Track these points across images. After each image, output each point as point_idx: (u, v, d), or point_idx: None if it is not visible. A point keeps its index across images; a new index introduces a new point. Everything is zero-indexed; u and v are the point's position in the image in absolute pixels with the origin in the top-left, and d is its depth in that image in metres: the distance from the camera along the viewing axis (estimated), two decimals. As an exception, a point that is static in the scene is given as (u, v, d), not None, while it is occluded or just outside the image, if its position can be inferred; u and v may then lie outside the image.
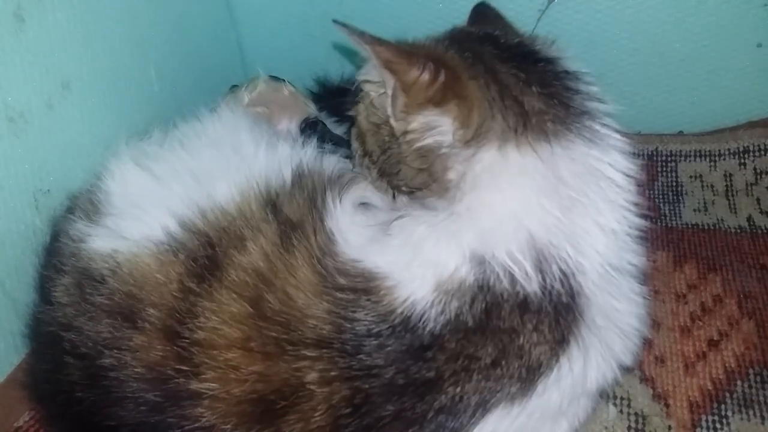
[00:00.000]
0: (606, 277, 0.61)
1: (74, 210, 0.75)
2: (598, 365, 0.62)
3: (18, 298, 0.81)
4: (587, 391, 0.64)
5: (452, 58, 0.65)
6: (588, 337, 0.61)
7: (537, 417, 0.61)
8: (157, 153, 0.77)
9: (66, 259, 0.70)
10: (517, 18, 1.19)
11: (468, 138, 0.61)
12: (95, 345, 0.62)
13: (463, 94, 0.62)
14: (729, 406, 0.82)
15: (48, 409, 0.72)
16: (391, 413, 0.57)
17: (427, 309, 0.58)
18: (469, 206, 0.60)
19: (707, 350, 0.89)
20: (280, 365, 0.57)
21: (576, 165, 0.61)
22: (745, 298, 0.97)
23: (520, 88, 0.63)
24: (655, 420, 0.81)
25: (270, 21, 1.34)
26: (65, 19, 0.86)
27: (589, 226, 0.61)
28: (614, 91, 1.22)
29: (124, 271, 0.64)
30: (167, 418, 0.58)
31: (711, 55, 1.18)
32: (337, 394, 0.57)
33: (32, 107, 0.82)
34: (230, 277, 0.61)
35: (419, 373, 0.57)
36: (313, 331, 0.58)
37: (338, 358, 0.57)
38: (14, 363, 0.83)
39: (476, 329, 0.58)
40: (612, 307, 0.62)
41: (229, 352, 0.58)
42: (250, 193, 0.67)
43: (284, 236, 0.63)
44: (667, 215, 1.15)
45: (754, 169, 1.18)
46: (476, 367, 0.58)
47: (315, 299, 0.59)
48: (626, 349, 0.65)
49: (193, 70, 1.19)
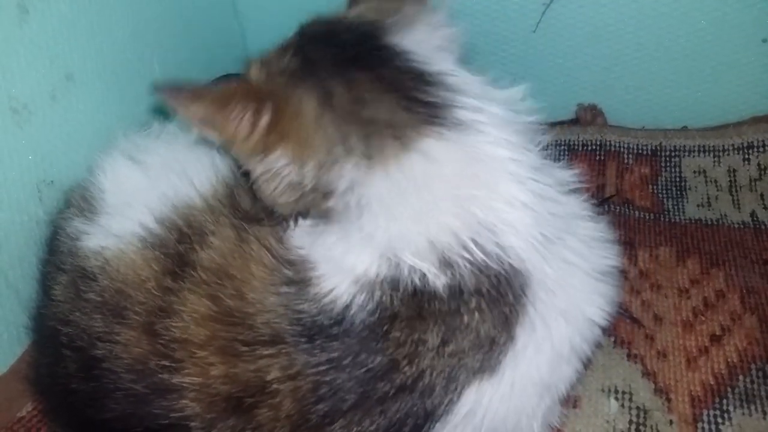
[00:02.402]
0: (542, 247, 0.59)
1: (70, 206, 0.76)
2: (562, 328, 0.62)
3: (21, 289, 0.81)
4: (561, 355, 0.63)
5: (276, 90, 0.60)
6: (541, 306, 0.60)
7: (519, 388, 0.61)
8: (149, 146, 0.78)
9: (65, 257, 0.71)
10: (522, 12, 1.21)
11: (316, 172, 0.59)
12: (89, 338, 0.64)
13: (290, 133, 0.58)
14: (731, 401, 0.82)
15: (48, 401, 0.73)
16: (355, 397, 0.58)
17: (354, 301, 0.58)
18: (361, 227, 0.59)
19: (709, 345, 0.89)
20: (240, 366, 0.58)
21: (452, 159, 0.58)
22: (747, 293, 0.96)
23: (363, 99, 0.58)
24: (656, 414, 0.81)
25: (273, 13, 1.34)
26: (69, 10, 0.86)
27: (495, 207, 0.58)
28: (618, 85, 1.25)
29: (113, 268, 0.65)
30: (153, 409, 0.60)
31: (715, 51, 1.17)
32: (301, 388, 0.58)
33: (36, 99, 0.82)
34: (195, 274, 0.62)
35: (373, 361, 0.58)
36: (267, 326, 0.59)
37: (294, 355, 0.58)
38: (17, 354, 0.83)
39: (413, 316, 0.58)
40: (562, 272, 0.61)
41: (201, 351, 0.60)
42: (217, 186, 0.67)
43: (240, 228, 0.64)
44: (670, 210, 1.14)
45: (758, 164, 1.17)
46: (426, 348, 0.58)
47: (266, 294, 0.60)
48: (591, 306, 0.64)
49: (197, 63, 1.19)
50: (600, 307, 0.65)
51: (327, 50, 0.61)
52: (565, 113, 1.30)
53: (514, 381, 0.61)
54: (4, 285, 0.81)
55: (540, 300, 0.61)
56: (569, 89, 1.28)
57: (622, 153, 1.24)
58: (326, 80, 0.59)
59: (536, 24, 1.21)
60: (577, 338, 0.64)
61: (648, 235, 1.09)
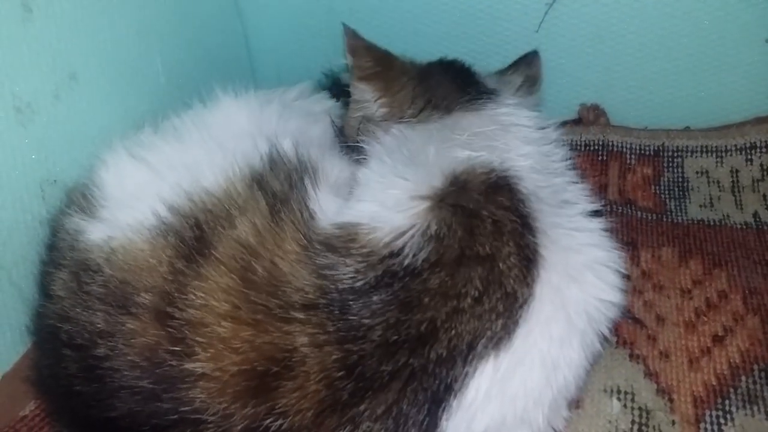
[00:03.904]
0: (547, 203, 0.69)
1: (71, 204, 0.76)
2: (575, 293, 0.65)
3: (25, 288, 0.81)
4: (573, 325, 0.65)
5: (397, 63, 0.88)
6: (553, 263, 0.65)
7: (529, 362, 0.63)
8: (151, 142, 0.79)
9: (65, 252, 0.71)
10: (525, 12, 1.21)
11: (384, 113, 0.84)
12: (90, 336, 0.63)
13: (386, 87, 0.85)
14: (733, 401, 0.82)
15: (51, 402, 0.73)
16: (388, 373, 0.58)
17: (407, 239, 0.63)
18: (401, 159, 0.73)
19: (712, 346, 0.89)
20: (270, 331, 0.59)
21: (479, 122, 0.77)
22: (750, 294, 0.96)
23: (435, 87, 0.84)
24: (658, 415, 0.81)
25: (276, 13, 1.34)
26: (72, 9, 0.86)
27: (514, 155, 0.72)
28: (621, 85, 1.25)
29: (119, 258, 0.66)
30: (162, 404, 0.59)
31: (718, 51, 1.17)
32: (329, 357, 0.58)
33: (39, 97, 0.82)
34: (218, 253, 0.63)
35: (410, 326, 0.60)
36: (299, 295, 0.61)
37: (326, 321, 0.59)
38: (20, 352, 0.83)
39: (456, 260, 0.62)
40: (569, 237, 0.68)
41: (219, 326, 0.60)
42: (234, 176, 0.70)
43: (273, 210, 0.67)
44: (672, 211, 1.15)
45: (760, 165, 1.17)
46: (464, 306, 0.61)
47: (299, 267, 0.62)
48: (601, 284, 0.68)
49: (200, 63, 1.19)
50: (611, 283, 0.68)
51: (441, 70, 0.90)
52: (567, 113, 1.30)
53: (526, 353, 0.62)
54: (7, 283, 0.81)
55: (551, 256, 0.65)
56: (572, 89, 1.28)
57: (624, 153, 1.24)
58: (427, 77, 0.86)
59: (539, 24, 1.21)
60: (591, 309, 0.66)
61: (650, 235, 1.09)
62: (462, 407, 0.61)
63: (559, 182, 0.74)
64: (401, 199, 0.66)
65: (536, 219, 0.67)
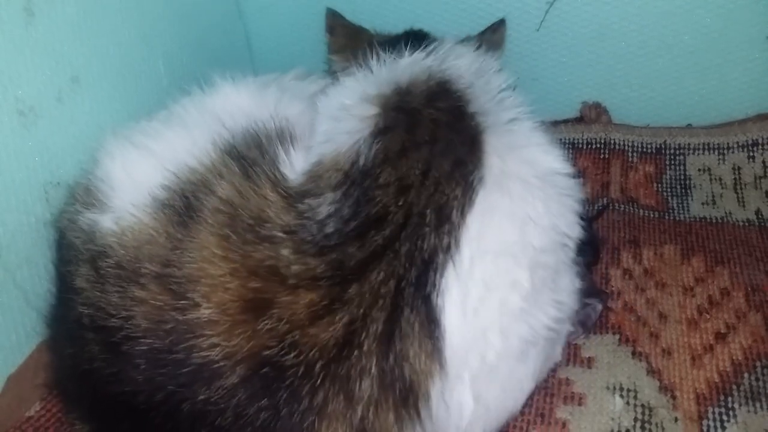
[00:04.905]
0: (480, 89, 0.78)
1: (76, 202, 0.77)
2: (523, 167, 0.72)
3: (29, 289, 0.82)
4: (530, 184, 0.71)
5: (365, 35, 0.95)
6: (495, 139, 0.72)
7: (497, 221, 0.69)
8: (149, 128, 0.82)
9: (81, 248, 0.72)
10: (525, 10, 1.21)
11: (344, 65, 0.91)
12: (107, 311, 0.67)
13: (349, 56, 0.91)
14: (736, 398, 0.82)
15: (67, 394, 0.76)
16: (361, 258, 0.66)
17: (360, 144, 0.70)
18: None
19: (714, 343, 0.89)
20: (258, 249, 0.65)
21: (422, 54, 0.82)
22: (752, 291, 0.96)
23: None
24: (661, 412, 0.81)
25: (277, 13, 1.34)
26: (75, 13, 0.87)
27: (451, 63, 0.79)
28: (623, 83, 1.25)
29: (128, 236, 0.69)
30: (176, 355, 0.63)
31: (720, 48, 1.17)
32: (312, 267, 0.65)
33: (42, 101, 0.82)
34: (204, 213, 0.68)
35: (368, 210, 0.67)
36: (281, 227, 0.68)
37: (307, 238, 0.67)
38: (26, 353, 0.84)
39: (399, 152, 0.70)
40: (505, 114, 0.76)
41: (213, 268, 0.65)
42: (211, 149, 0.75)
43: (246, 171, 0.72)
44: (675, 208, 1.15)
45: (762, 162, 1.17)
46: (409, 183, 0.68)
47: (282, 213, 0.69)
48: (543, 153, 0.75)
49: (202, 64, 1.19)
50: (553, 153, 0.76)
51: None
52: (569, 111, 1.30)
53: (492, 212, 0.69)
54: (12, 286, 0.81)
55: (491, 138, 0.72)
56: (573, 87, 1.28)
57: (626, 151, 1.24)
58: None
59: (540, 23, 1.21)
60: (541, 172, 0.73)
61: (653, 233, 1.09)
62: (450, 277, 0.66)
63: (494, 91, 0.80)
64: (352, 110, 0.74)
65: (474, 106, 0.75)
